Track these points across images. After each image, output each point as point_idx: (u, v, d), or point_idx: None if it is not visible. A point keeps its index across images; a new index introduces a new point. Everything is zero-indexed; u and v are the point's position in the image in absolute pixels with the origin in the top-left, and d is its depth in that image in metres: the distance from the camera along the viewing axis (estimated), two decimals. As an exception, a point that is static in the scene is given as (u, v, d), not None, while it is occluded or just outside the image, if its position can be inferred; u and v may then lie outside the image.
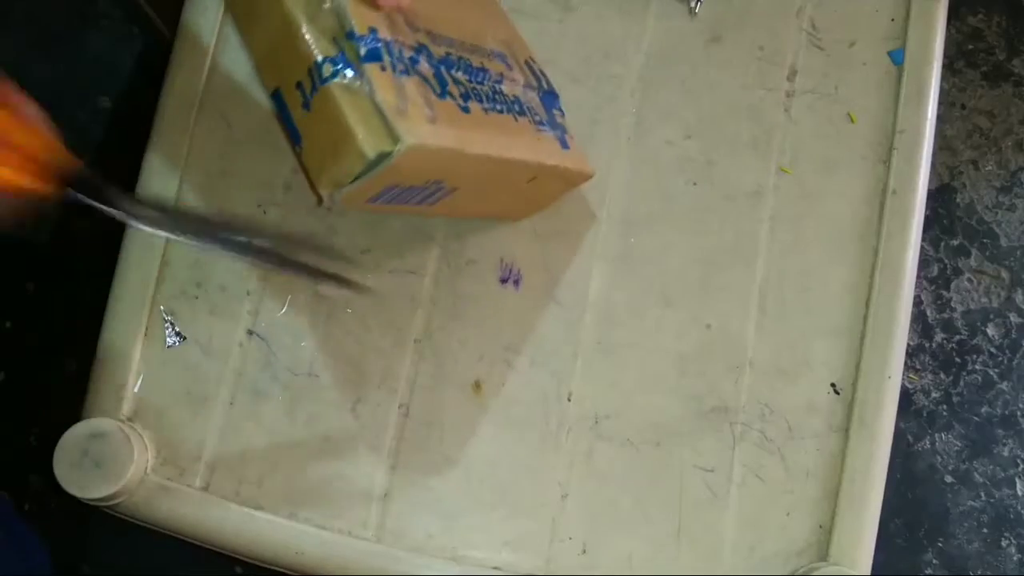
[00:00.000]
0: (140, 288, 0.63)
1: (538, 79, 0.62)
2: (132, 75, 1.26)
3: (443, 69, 0.53)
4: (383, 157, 0.46)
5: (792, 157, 0.66)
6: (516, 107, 0.57)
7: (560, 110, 0.62)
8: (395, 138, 0.46)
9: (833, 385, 0.62)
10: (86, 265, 1.18)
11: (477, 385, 0.63)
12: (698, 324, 0.64)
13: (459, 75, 0.54)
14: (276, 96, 0.50)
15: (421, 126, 0.48)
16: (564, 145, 0.59)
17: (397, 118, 0.46)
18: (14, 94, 0.40)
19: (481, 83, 0.56)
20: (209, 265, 0.64)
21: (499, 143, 0.53)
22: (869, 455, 0.61)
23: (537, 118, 0.59)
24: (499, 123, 0.55)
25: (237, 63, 0.67)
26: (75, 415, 0.61)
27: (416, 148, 0.46)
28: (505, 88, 0.58)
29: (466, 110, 0.52)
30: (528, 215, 0.65)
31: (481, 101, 0.54)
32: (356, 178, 0.47)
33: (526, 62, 0.62)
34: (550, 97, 0.62)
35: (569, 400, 0.63)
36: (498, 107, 0.56)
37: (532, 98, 0.60)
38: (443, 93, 0.52)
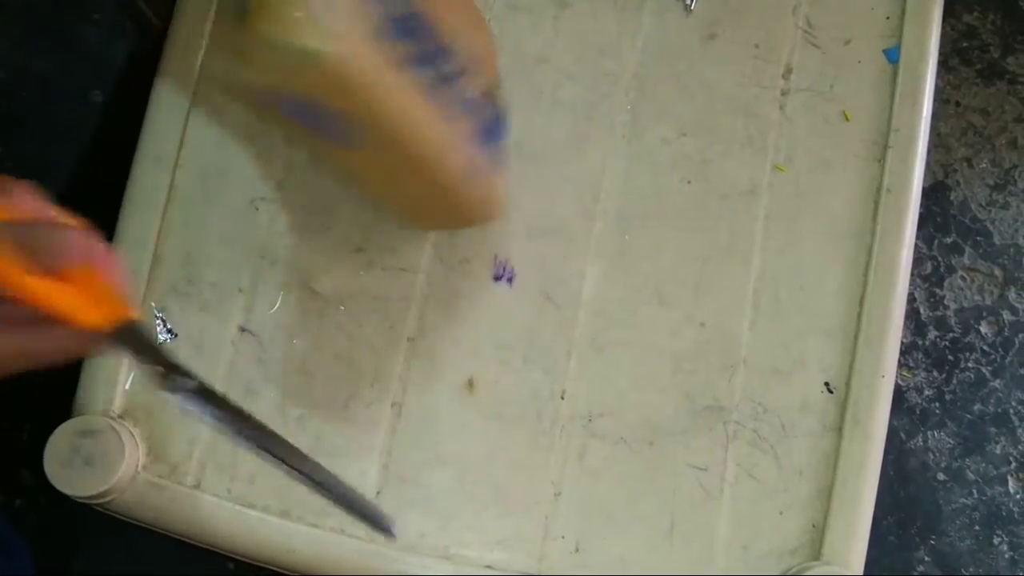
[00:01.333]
0: (131, 284, 0.62)
1: (495, 105, 0.59)
2: (124, 68, 1.25)
3: (403, 26, 0.50)
4: (307, 55, 0.43)
5: (787, 155, 0.66)
6: (466, 106, 0.54)
7: (498, 144, 0.58)
8: (323, 41, 0.43)
9: (827, 384, 0.62)
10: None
11: (470, 383, 0.63)
12: (692, 322, 0.64)
13: (416, 43, 0.51)
14: None
15: (355, 45, 0.45)
16: (482, 174, 0.56)
17: (330, 25, 0.44)
18: (94, 236, 0.39)
19: (438, 63, 0.52)
20: (201, 261, 0.63)
21: (419, 118, 0.50)
22: (862, 454, 0.61)
23: (481, 127, 0.56)
24: (437, 103, 0.51)
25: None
26: (66, 412, 0.61)
27: (338, 59, 0.44)
28: (462, 82, 0.54)
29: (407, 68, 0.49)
30: (437, 228, 0.63)
31: (429, 72, 0.51)
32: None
33: (489, 87, 0.58)
34: (496, 127, 0.58)
35: (562, 398, 0.63)
36: (444, 90, 0.52)
37: (484, 112, 0.57)
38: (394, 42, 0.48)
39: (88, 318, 0.39)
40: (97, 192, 1.16)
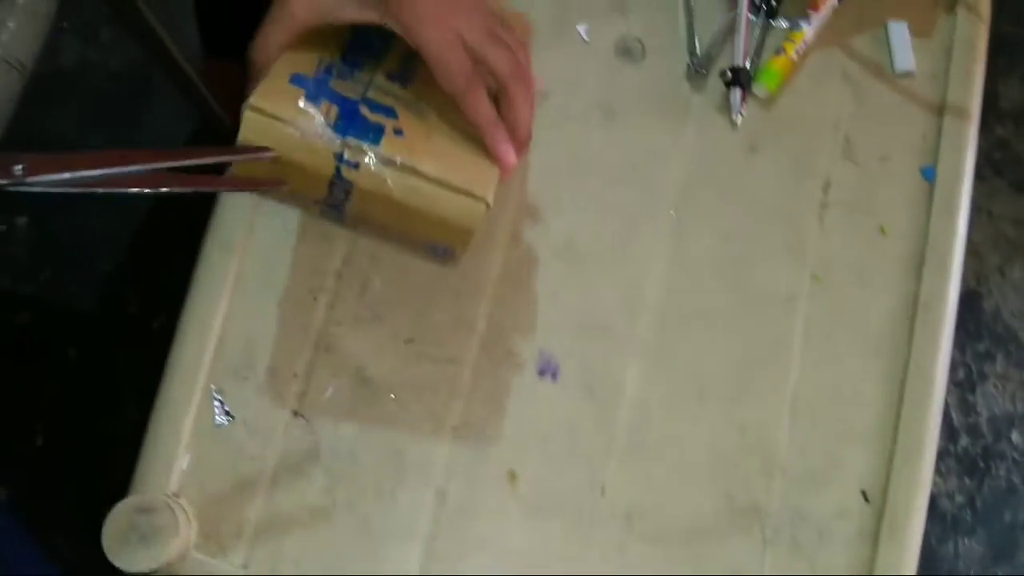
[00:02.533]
0: (193, 366, 0.65)
1: None
2: (184, 152, 1.31)
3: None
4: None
5: (825, 266, 0.69)
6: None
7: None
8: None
9: (863, 492, 0.63)
10: (129, 337, 1.22)
11: (512, 475, 0.65)
12: (731, 424, 0.65)
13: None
14: None
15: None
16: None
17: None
18: None
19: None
20: (260, 346, 0.66)
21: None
22: (898, 562, 0.62)
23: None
24: None
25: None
26: (110, 482, 0.63)
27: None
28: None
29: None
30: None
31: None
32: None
33: None
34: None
35: (602, 494, 0.64)
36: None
37: None
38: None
39: None
40: (156, 265, 1.20)
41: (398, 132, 0.59)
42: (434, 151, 0.59)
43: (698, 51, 0.74)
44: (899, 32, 0.75)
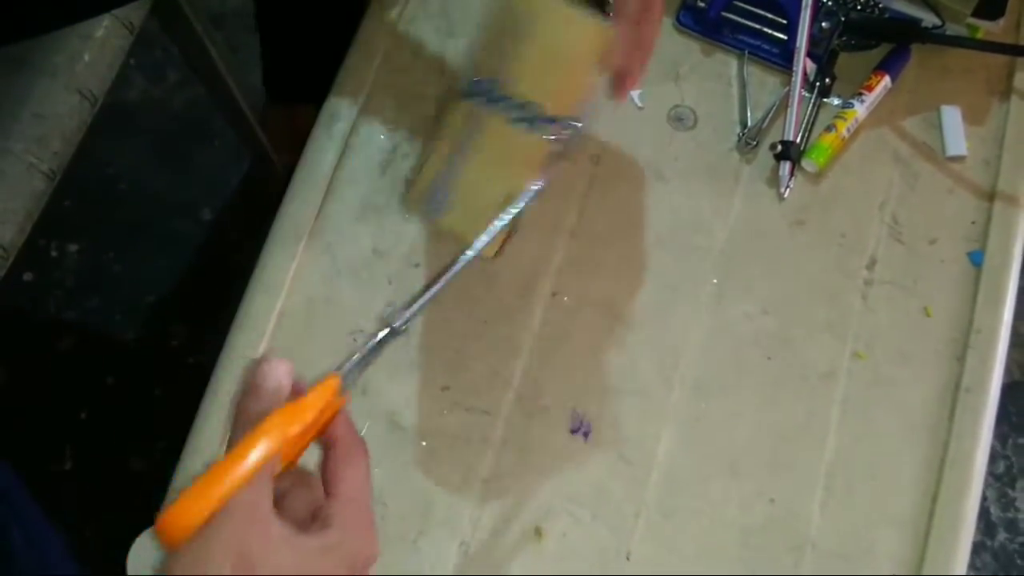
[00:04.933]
0: (229, 403, 0.65)
1: None
2: (235, 192, 1.34)
3: None
4: None
5: (867, 344, 0.68)
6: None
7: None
8: None
9: (895, 578, 0.62)
10: (168, 370, 1.23)
11: (538, 531, 0.64)
12: (763, 498, 0.64)
13: None
14: None
15: None
16: None
17: None
18: None
19: None
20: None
21: None
22: (928, 654, 0.60)
23: None
24: None
25: (348, 203, 0.71)
26: (135, 510, 0.63)
27: None
28: None
29: None
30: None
31: None
32: None
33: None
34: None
35: (628, 559, 0.63)
36: None
37: None
38: None
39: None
40: (201, 302, 1.23)
41: None
42: None
43: (749, 123, 0.75)
44: (952, 116, 0.75)
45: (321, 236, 0.71)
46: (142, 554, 0.60)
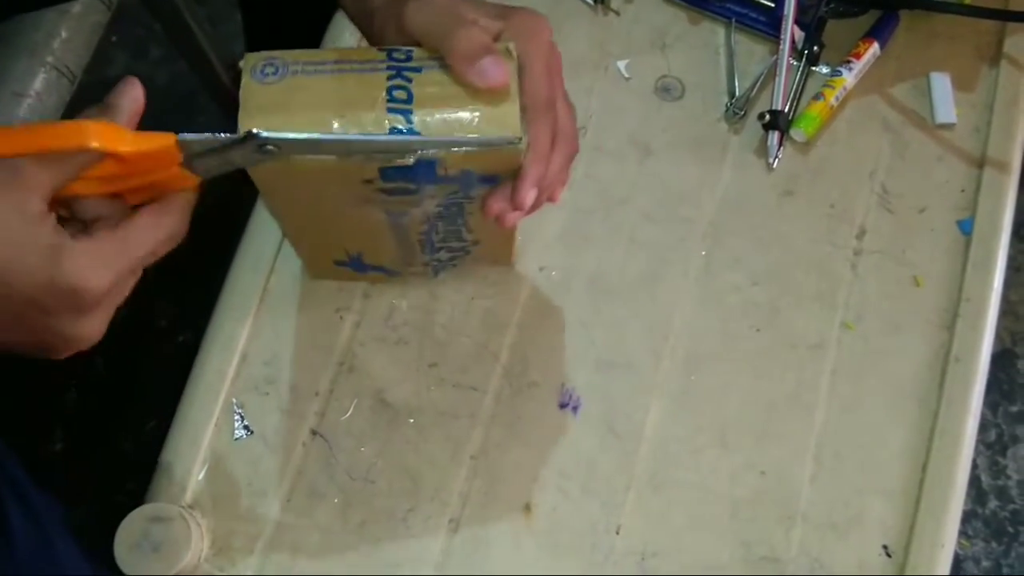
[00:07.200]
0: (216, 380, 0.65)
1: None
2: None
3: None
4: None
5: (857, 314, 0.68)
6: None
7: None
8: None
9: (885, 547, 0.62)
10: (156, 350, 1.22)
11: (527, 507, 0.64)
12: (753, 469, 0.64)
13: None
14: None
15: None
16: None
17: None
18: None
19: None
20: (283, 363, 0.66)
21: None
22: (918, 622, 0.60)
23: None
24: None
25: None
26: (126, 491, 0.63)
27: None
28: None
29: None
30: None
31: None
32: None
33: None
34: None
35: (618, 533, 0.63)
36: None
37: None
38: None
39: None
40: (187, 281, 1.22)
41: None
42: None
43: (737, 92, 0.74)
44: (941, 84, 0.75)
45: (305, 213, 0.70)
46: (131, 531, 0.59)
